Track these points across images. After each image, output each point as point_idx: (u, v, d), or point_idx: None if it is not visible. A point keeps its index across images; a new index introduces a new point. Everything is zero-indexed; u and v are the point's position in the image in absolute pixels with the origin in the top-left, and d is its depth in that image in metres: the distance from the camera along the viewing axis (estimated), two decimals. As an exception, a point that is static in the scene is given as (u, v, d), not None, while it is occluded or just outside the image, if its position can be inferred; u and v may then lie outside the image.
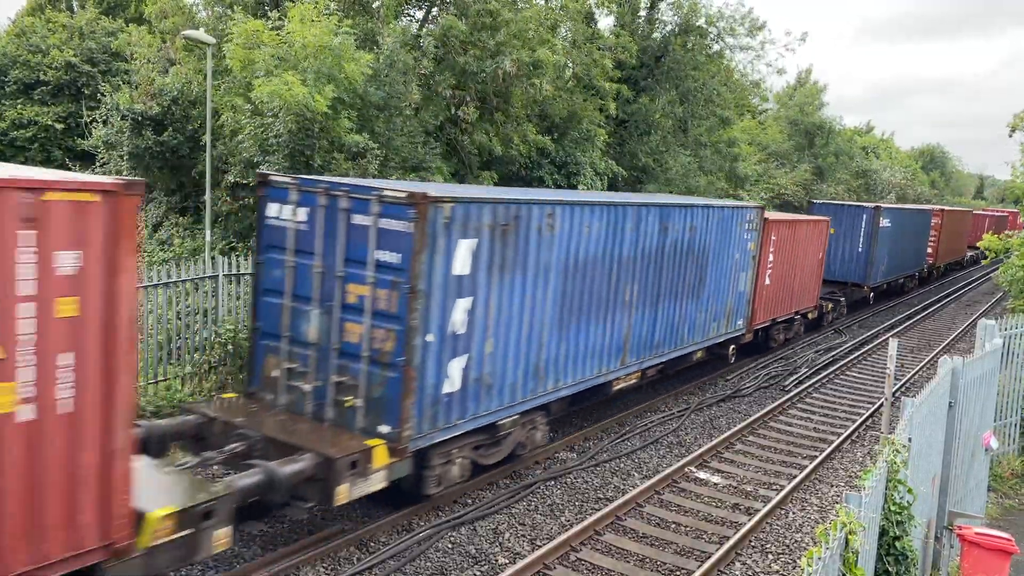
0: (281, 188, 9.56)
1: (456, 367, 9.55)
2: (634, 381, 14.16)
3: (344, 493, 8.42)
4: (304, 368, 9.47)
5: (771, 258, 18.81)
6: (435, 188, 10.34)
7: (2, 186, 5.20)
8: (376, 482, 8.80)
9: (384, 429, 8.95)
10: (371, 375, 9.04)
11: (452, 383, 9.54)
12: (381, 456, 8.77)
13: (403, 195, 8.76)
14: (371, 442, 8.76)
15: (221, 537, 7.19)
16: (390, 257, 8.87)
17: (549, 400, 11.54)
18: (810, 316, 22.79)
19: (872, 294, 28.92)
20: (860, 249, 26.95)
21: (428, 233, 8.74)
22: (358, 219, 9.06)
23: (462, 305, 9.44)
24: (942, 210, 37.95)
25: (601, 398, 13.98)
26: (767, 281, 18.80)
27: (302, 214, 9.42)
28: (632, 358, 13.53)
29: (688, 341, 15.41)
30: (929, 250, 35.85)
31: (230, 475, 8.14)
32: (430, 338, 9.04)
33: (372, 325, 9.00)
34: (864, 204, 29.48)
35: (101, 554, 6.04)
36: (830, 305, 24.78)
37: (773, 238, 18.79)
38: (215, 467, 9.39)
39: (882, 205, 28.58)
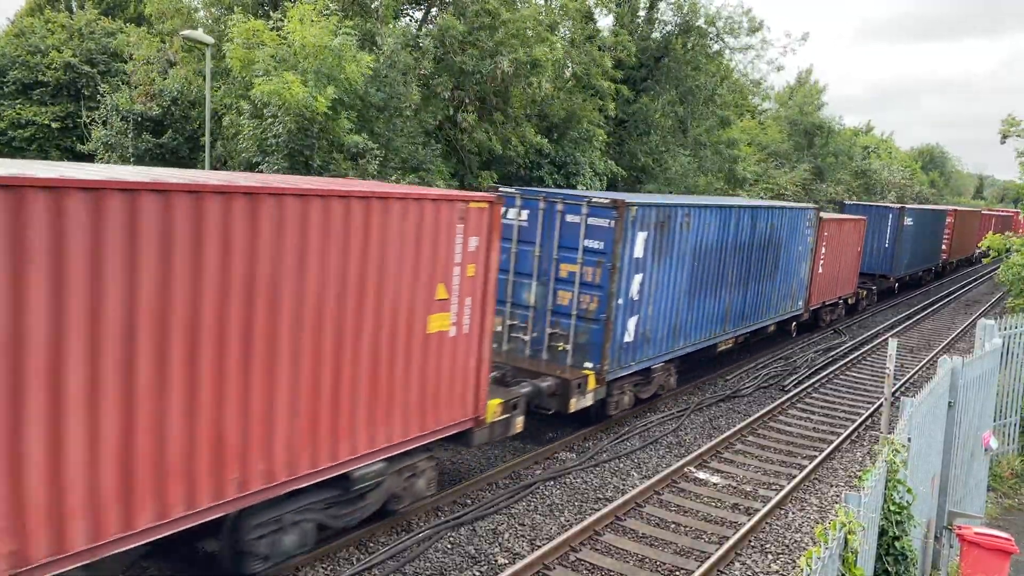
0: (510, 196, 13.16)
1: (632, 324, 13.33)
2: (731, 345, 17.93)
3: (574, 404, 12.33)
4: (523, 324, 13.29)
5: (823, 250, 22.21)
6: (621, 196, 14.01)
7: (452, 199, 9.13)
8: (588, 400, 12.69)
9: (589, 365, 12.76)
10: (578, 328, 12.87)
11: (629, 335, 13.29)
12: (592, 382, 12.66)
13: (607, 201, 12.70)
14: (587, 372, 12.61)
15: (520, 423, 11.23)
16: (595, 244, 12.67)
17: (680, 355, 15.31)
18: (849, 301, 26.38)
19: (896, 284, 31.90)
20: (887, 245, 29.88)
21: (623, 228, 12.54)
22: (570, 218, 12.86)
23: (637, 279, 13.24)
24: (955, 210, 41.30)
25: (708, 357, 17.54)
26: (820, 270, 22.25)
27: (524, 215, 13.13)
28: (731, 327, 17.26)
29: (766, 316, 19.10)
30: (944, 247, 38.84)
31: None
32: (620, 302, 12.80)
33: (580, 292, 12.81)
34: (891, 205, 32.23)
35: (471, 423, 10.06)
36: (864, 292, 28.10)
37: (825, 234, 22.15)
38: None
39: (906, 206, 31.46)
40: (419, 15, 24.51)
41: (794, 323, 21.72)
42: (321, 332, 7.63)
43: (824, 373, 18.83)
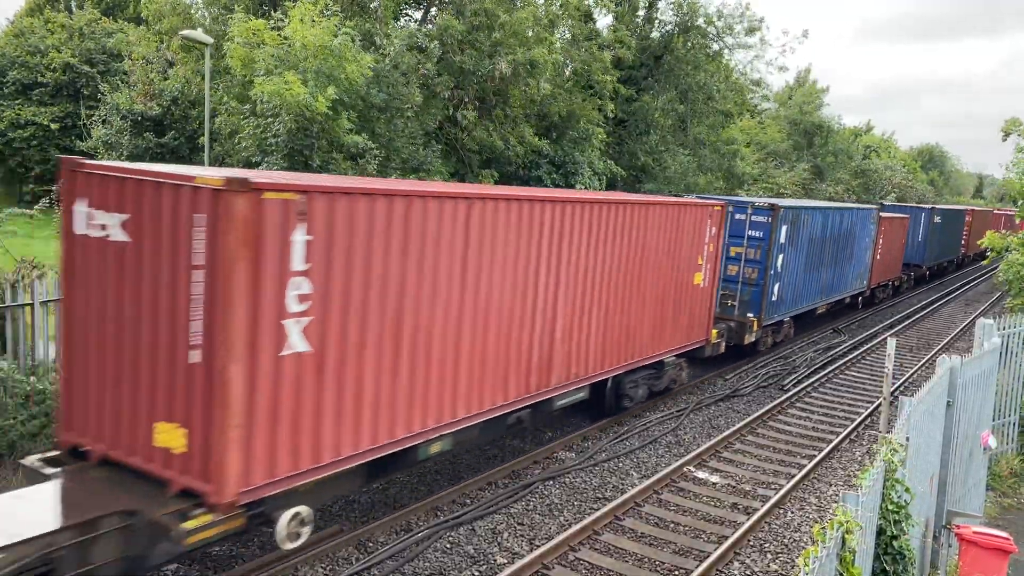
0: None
1: (776, 288, 18.98)
2: (823, 311, 23.83)
3: (747, 338, 18.15)
4: None
5: (880, 242, 27.86)
6: (774, 200, 20.30)
7: (704, 205, 15.15)
8: (753, 337, 18.42)
9: (750, 315, 18.35)
10: (742, 290, 18.42)
11: (774, 296, 18.90)
12: (755, 325, 18.39)
13: (766, 204, 18.60)
14: (751, 318, 18.29)
15: (723, 346, 17.20)
16: (757, 234, 18.38)
17: (797, 313, 21.14)
18: (895, 283, 32.41)
19: (927, 272, 38.04)
20: (920, 239, 35.15)
21: (776, 222, 18.32)
22: (738, 216, 18.45)
23: (780, 258, 18.87)
24: (972, 210, 48.28)
25: (810, 319, 23.59)
26: (878, 257, 27.99)
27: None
28: (825, 296, 23.03)
29: (845, 290, 24.96)
30: (963, 241, 44.54)
31: None
32: (771, 272, 18.43)
33: (745, 266, 18.46)
34: (922, 205, 38.55)
35: (704, 343, 16.04)
36: (904, 278, 34.05)
37: (882, 229, 27.75)
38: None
39: (936, 207, 37.56)
40: (418, 15, 24.52)
41: (860, 298, 27.63)
42: (645, 287, 13.43)
43: (823, 372, 18.84)
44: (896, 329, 25.31)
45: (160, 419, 7.06)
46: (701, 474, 12.21)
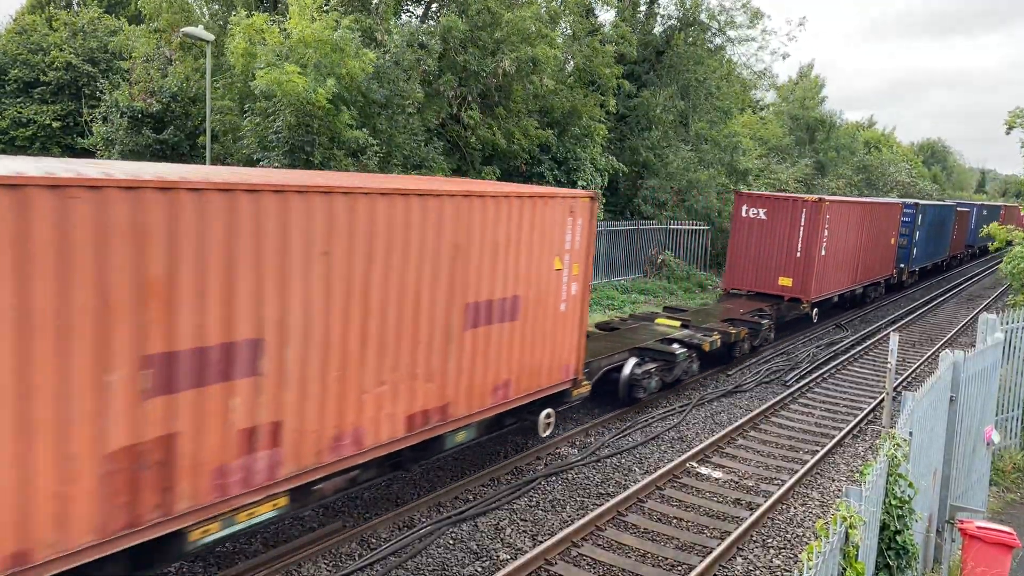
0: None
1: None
2: (930, 267, 36.93)
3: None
4: None
5: (955, 228, 41.23)
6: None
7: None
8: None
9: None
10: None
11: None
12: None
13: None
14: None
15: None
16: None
17: (913, 270, 31.40)
18: (968, 254, 47.78)
19: (971, 255, 49.48)
20: (972, 227, 47.18)
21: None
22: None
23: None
24: (1005, 206, 58.39)
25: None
26: (954, 235, 41.10)
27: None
28: (927, 261, 35.32)
29: (936, 258, 37.16)
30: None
31: None
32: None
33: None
34: (974, 202, 53.50)
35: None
36: (968, 252, 48.04)
37: (961, 221, 43.00)
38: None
39: (984, 204, 53.37)
40: (419, 11, 24.49)
41: (945, 262, 41.19)
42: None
43: (826, 368, 18.82)
44: (899, 324, 25.28)
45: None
46: (704, 470, 12.21)
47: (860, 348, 21.21)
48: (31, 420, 5.57)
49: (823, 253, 21.55)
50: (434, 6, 23.78)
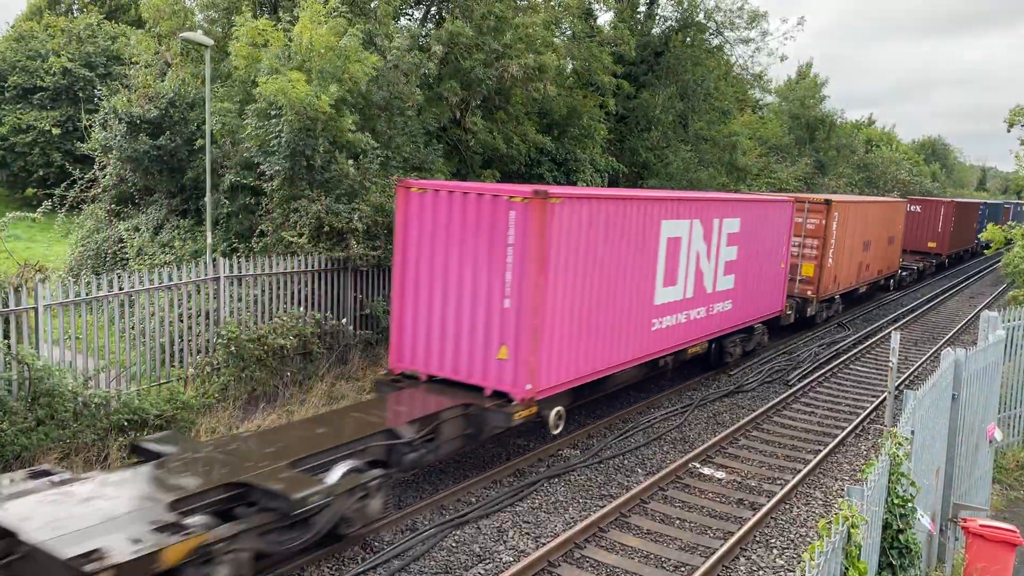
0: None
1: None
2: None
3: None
4: None
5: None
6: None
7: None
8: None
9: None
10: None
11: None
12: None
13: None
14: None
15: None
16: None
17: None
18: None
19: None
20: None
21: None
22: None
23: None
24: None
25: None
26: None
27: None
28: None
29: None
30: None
31: None
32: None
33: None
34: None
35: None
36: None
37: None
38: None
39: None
40: (418, 14, 24.48)
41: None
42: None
43: (828, 367, 18.80)
44: (901, 323, 25.25)
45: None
46: (706, 470, 12.20)
47: (862, 347, 21.18)
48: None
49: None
50: (433, 9, 23.78)
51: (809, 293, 22.06)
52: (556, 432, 11.63)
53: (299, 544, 7.92)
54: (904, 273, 33.70)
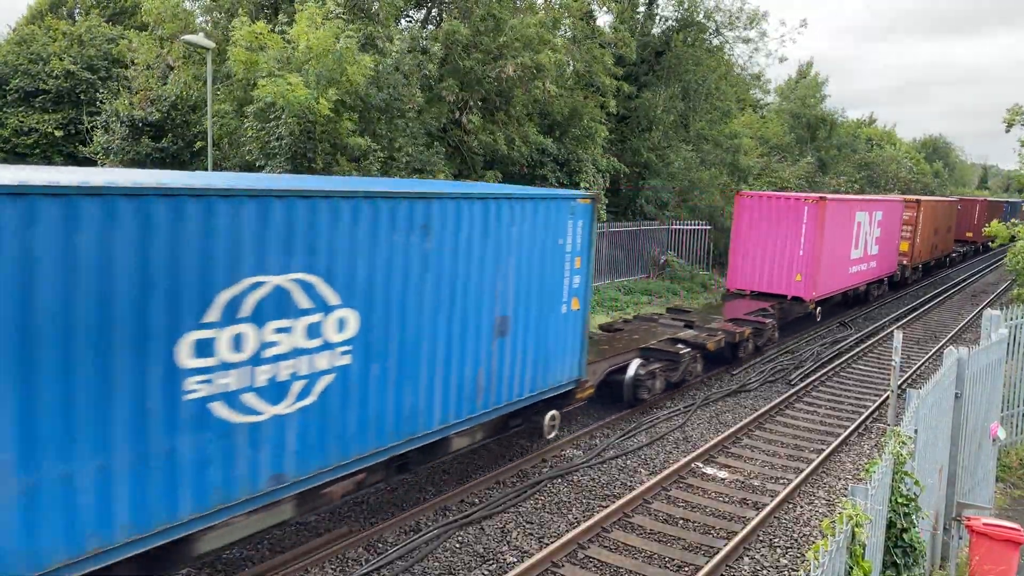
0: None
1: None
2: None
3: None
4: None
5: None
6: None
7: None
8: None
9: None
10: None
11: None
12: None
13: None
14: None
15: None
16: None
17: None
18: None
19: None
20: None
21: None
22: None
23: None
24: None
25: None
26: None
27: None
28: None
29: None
30: None
31: None
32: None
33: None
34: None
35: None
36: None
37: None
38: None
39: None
40: (419, 15, 24.51)
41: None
42: None
43: (831, 366, 18.80)
44: (903, 321, 25.24)
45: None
46: (709, 470, 12.20)
47: (864, 346, 21.18)
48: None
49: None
50: (434, 10, 23.82)
51: (905, 262, 31.21)
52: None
53: (678, 375, 15.32)
54: (954, 254, 43.04)
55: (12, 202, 5.36)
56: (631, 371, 14.33)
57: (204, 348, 6.58)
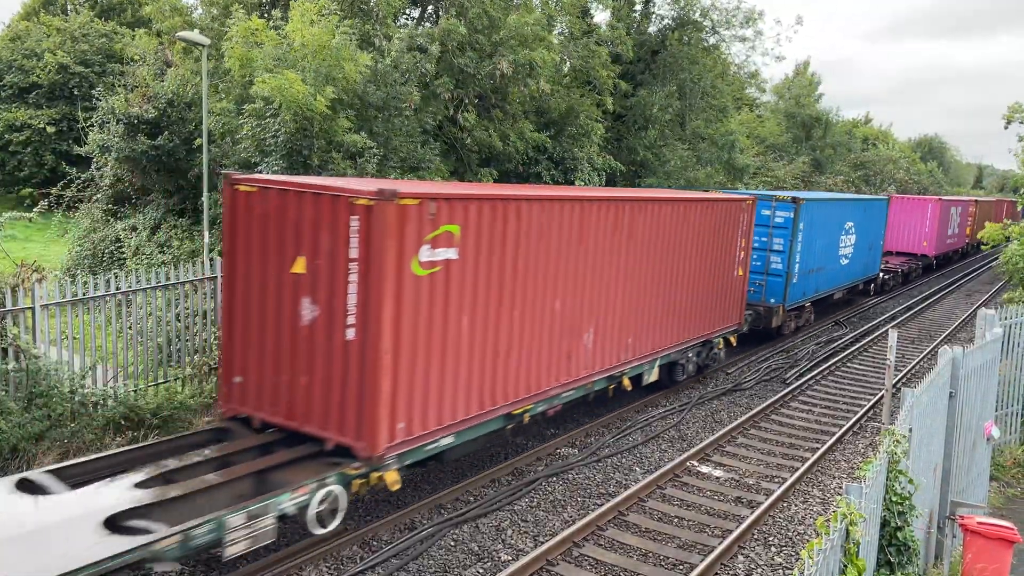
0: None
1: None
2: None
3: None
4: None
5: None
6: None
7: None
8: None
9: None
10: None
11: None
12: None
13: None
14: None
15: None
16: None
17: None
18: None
19: None
20: None
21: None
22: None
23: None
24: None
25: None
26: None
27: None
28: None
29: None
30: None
31: None
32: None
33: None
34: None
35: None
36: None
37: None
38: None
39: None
40: (416, 13, 24.47)
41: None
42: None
43: (825, 365, 18.83)
44: (898, 320, 25.30)
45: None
46: (704, 468, 12.21)
47: (859, 345, 21.22)
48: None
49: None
50: (430, 8, 23.78)
51: (968, 242, 39.70)
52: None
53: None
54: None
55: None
56: None
57: None
